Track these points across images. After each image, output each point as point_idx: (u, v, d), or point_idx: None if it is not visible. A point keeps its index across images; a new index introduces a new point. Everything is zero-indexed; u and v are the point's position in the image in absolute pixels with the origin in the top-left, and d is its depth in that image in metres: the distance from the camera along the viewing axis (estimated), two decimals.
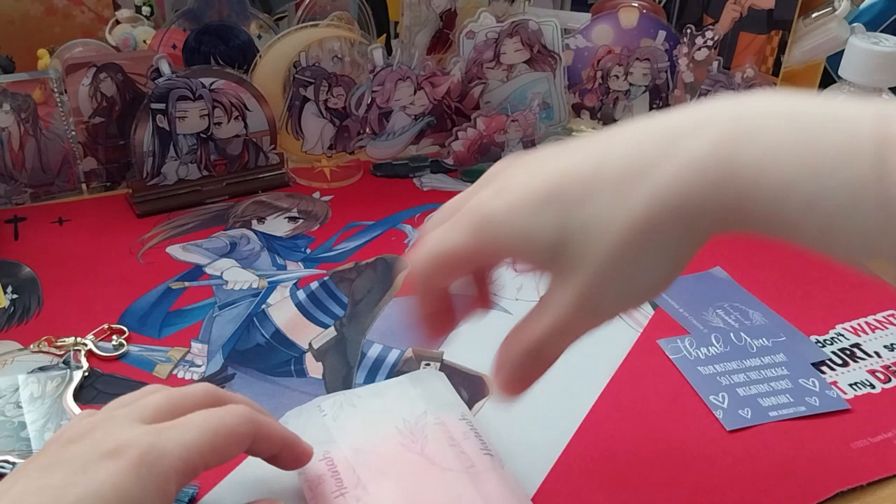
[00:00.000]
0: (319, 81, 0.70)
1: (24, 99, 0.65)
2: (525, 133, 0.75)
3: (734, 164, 0.29)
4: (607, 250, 0.31)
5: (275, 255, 0.62)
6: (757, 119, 0.30)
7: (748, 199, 0.29)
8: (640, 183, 0.30)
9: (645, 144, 0.31)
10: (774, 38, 0.72)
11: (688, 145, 0.30)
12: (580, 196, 0.31)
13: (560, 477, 0.44)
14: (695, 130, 0.30)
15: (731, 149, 0.29)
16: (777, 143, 0.29)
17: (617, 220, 0.31)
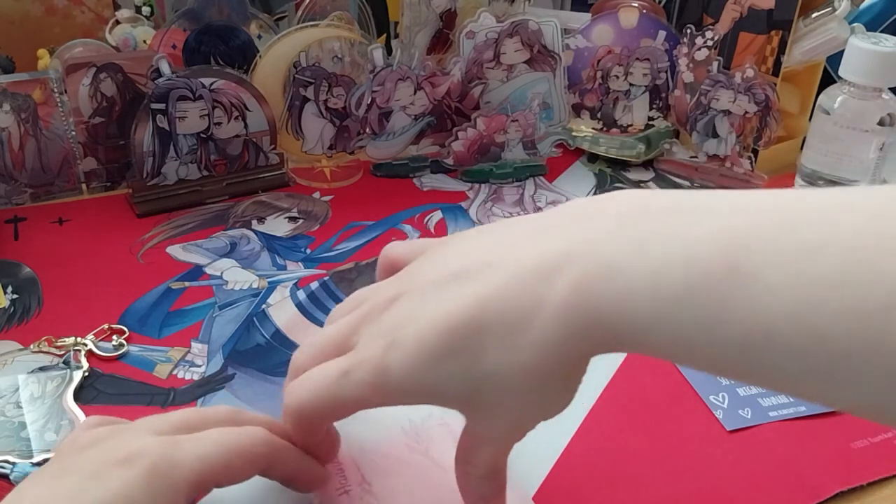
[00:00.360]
0: (319, 81, 0.70)
1: (24, 99, 0.65)
2: (525, 133, 0.75)
3: (595, 310, 0.29)
4: (516, 394, 0.32)
5: (275, 256, 0.62)
6: (612, 254, 0.29)
7: (615, 338, 0.30)
8: (522, 337, 0.31)
9: (516, 288, 0.31)
10: (774, 38, 0.72)
11: (555, 290, 0.30)
12: (474, 349, 0.31)
13: (560, 477, 0.44)
14: (559, 270, 0.30)
15: (591, 294, 0.29)
16: (629, 283, 0.29)
17: (513, 371, 0.31)
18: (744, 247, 0.27)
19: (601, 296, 0.29)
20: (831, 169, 0.71)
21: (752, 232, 0.27)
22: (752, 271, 0.26)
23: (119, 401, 0.48)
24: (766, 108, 0.72)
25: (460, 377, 0.32)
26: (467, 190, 0.73)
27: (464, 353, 0.31)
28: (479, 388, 0.32)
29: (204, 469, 0.33)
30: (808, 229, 0.26)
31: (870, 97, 0.67)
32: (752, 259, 0.26)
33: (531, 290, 0.31)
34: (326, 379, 0.34)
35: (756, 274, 0.26)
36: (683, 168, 0.77)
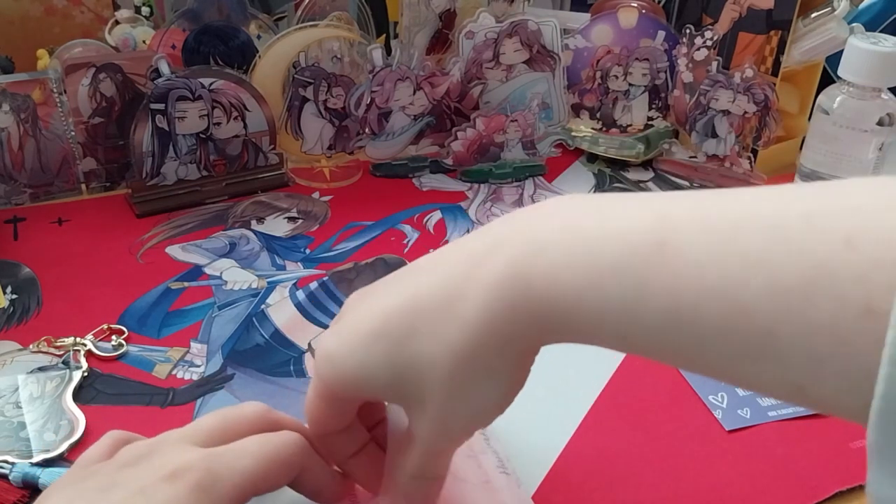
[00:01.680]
0: (319, 82, 0.70)
1: (24, 99, 0.65)
2: (524, 133, 0.75)
3: (527, 282, 0.29)
4: (440, 383, 0.31)
5: (274, 256, 0.62)
6: (546, 234, 0.30)
7: (545, 317, 0.29)
8: (452, 315, 0.31)
9: (451, 273, 0.32)
10: (773, 38, 0.73)
11: (487, 269, 0.30)
12: (403, 332, 0.32)
13: (559, 477, 0.44)
14: (492, 252, 0.31)
15: (523, 268, 0.30)
16: (559, 257, 0.29)
17: (439, 355, 0.31)
18: (671, 226, 0.27)
19: (530, 270, 0.29)
20: (830, 169, 0.71)
21: (681, 213, 0.27)
22: (680, 247, 0.26)
23: (118, 401, 0.48)
24: (765, 108, 0.72)
25: (386, 361, 0.32)
26: (467, 190, 0.73)
27: (391, 336, 0.32)
28: (404, 374, 0.32)
29: (245, 483, 0.33)
30: (732, 210, 0.27)
31: (869, 97, 0.67)
32: (678, 236, 0.27)
33: (463, 272, 0.31)
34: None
35: (683, 250, 0.26)
36: (683, 168, 0.77)
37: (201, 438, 0.35)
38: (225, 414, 0.37)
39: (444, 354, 0.31)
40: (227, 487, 0.32)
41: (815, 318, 0.23)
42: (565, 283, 0.29)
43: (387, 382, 0.33)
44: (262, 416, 0.37)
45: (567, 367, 0.52)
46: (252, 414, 0.37)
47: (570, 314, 0.29)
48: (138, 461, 0.33)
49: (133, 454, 0.34)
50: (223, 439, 0.35)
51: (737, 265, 0.25)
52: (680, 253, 0.26)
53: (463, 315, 0.31)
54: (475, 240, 0.32)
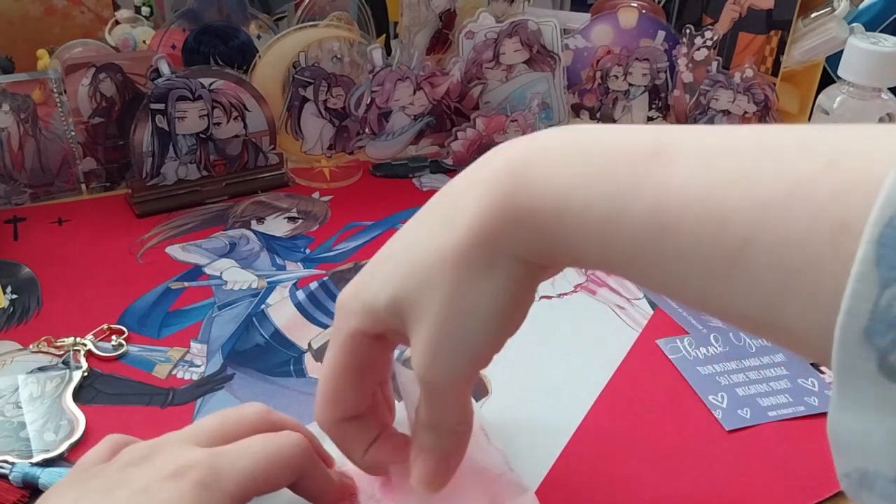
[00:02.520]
0: (319, 82, 0.70)
1: (24, 99, 0.65)
2: (524, 133, 0.75)
3: (522, 179, 0.30)
4: (432, 293, 0.31)
5: (274, 256, 0.62)
6: (546, 138, 0.31)
7: (533, 216, 0.29)
8: (451, 218, 0.31)
9: (454, 184, 0.33)
10: (773, 38, 0.73)
11: (490, 166, 0.32)
12: (404, 250, 0.33)
13: (559, 477, 0.44)
14: (495, 154, 0.32)
15: (518, 164, 0.30)
16: (558, 155, 0.30)
17: (432, 257, 0.31)
18: (668, 140, 0.28)
19: (525, 167, 0.30)
20: None
21: (680, 133, 0.28)
22: (672, 157, 0.27)
23: (118, 401, 0.48)
24: (765, 108, 0.72)
25: (390, 281, 0.33)
26: None
27: (393, 259, 0.33)
28: (404, 288, 0.32)
29: (247, 482, 0.33)
30: (731, 134, 0.27)
31: (869, 97, 0.67)
32: (673, 149, 0.27)
33: (470, 172, 0.33)
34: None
35: (675, 159, 0.27)
36: None
37: (202, 439, 0.35)
38: (225, 415, 0.37)
39: (436, 257, 0.31)
40: (230, 486, 0.33)
41: (791, 231, 0.24)
42: (557, 180, 0.29)
43: (389, 303, 0.32)
44: (263, 417, 0.37)
45: (567, 367, 0.52)
46: (252, 415, 0.37)
47: (558, 213, 0.29)
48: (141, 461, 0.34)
49: (135, 455, 0.34)
50: (224, 440, 0.35)
51: (723, 177, 0.26)
52: (671, 161, 0.27)
53: (456, 216, 0.31)
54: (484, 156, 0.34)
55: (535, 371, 0.51)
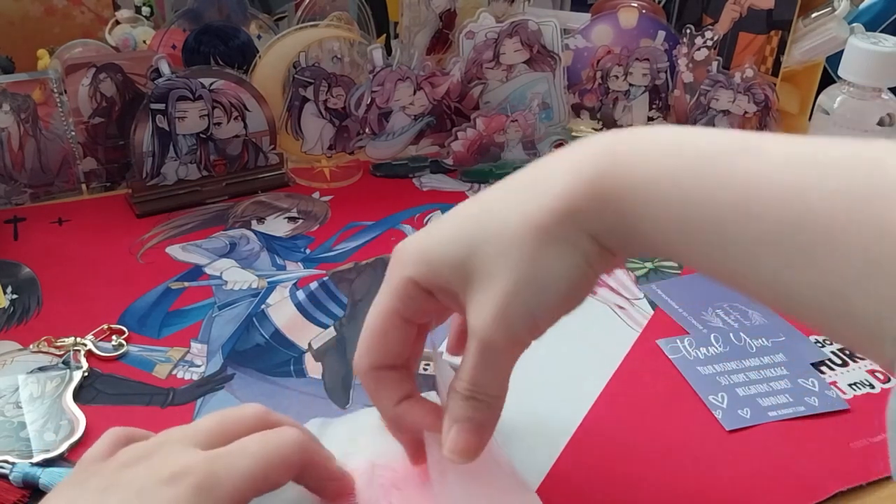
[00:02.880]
0: (319, 82, 0.70)
1: (24, 99, 0.65)
2: (525, 133, 0.75)
3: (612, 160, 0.32)
4: (508, 252, 0.33)
5: (274, 256, 0.62)
6: (642, 129, 0.33)
7: (620, 197, 0.31)
8: (535, 189, 0.33)
9: (546, 160, 0.35)
10: (774, 38, 0.73)
11: (579, 150, 0.33)
12: (487, 212, 0.34)
13: (560, 476, 0.44)
14: (590, 139, 0.34)
15: (610, 147, 0.32)
16: (650, 144, 0.32)
17: (514, 224, 0.33)
18: (757, 141, 0.30)
19: (616, 150, 0.32)
20: None
21: (768, 137, 0.30)
22: (763, 150, 0.29)
23: (118, 401, 0.48)
24: (765, 109, 0.72)
25: (466, 237, 0.34)
26: (467, 190, 0.73)
27: (474, 219, 0.34)
28: (479, 248, 0.33)
29: (246, 484, 0.33)
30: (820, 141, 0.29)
31: (869, 97, 0.67)
32: (763, 144, 0.29)
33: (564, 152, 0.34)
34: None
35: (766, 153, 0.29)
36: None
37: (201, 439, 0.35)
38: (224, 415, 0.37)
39: (518, 223, 0.32)
40: (228, 489, 0.32)
41: (881, 222, 0.25)
42: (649, 167, 0.31)
43: (460, 259, 0.34)
44: (262, 417, 0.37)
45: (568, 367, 0.52)
46: (251, 416, 0.37)
47: (646, 196, 0.31)
48: (138, 462, 0.33)
49: (133, 455, 0.34)
50: (223, 440, 0.35)
51: (816, 170, 0.27)
52: (762, 153, 0.29)
53: (545, 189, 0.33)
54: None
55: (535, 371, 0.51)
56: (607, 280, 0.61)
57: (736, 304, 0.58)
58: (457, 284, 0.34)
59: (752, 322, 0.56)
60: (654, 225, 0.31)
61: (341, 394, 0.49)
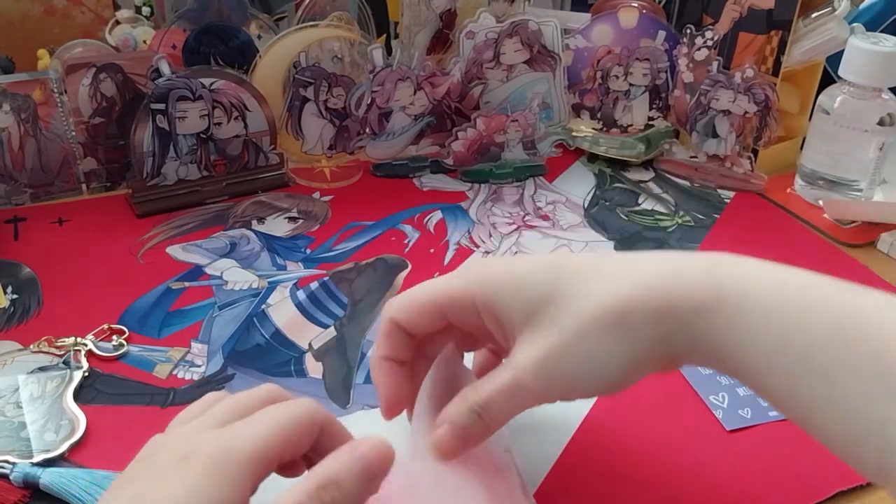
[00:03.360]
0: (319, 82, 0.70)
1: (24, 99, 0.65)
2: (525, 133, 0.75)
3: (721, 266, 0.34)
4: (580, 318, 0.34)
5: (275, 256, 0.62)
6: (746, 261, 0.35)
7: (715, 302, 0.33)
8: (632, 274, 0.35)
9: (654, 253, 0.37)
10: (774, 38, 0.72)
11: (685, 254, 0.36)
12: (575, 271, 0.36)
13: (560, 476, 0.44)
14: (694, 253, 0.36)
15: (720, 263, 0.34)
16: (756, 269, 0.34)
17: (598, 296, 0.34)
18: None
19: (725, 265, 0.34)
20: (831, 169, 0.71)
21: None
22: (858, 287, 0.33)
23: (119, 401, 0.48)
24: (765, 108, 0.72)
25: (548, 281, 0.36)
26: (467, 190, 0.73)
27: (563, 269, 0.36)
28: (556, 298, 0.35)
29: (261, 445, 0.32)
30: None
31: (869, 97, 0.67)
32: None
33: (668, 254, 0.37)
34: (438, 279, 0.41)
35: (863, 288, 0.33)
36: (683, 168, 0.77)
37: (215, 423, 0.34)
38: (237, 396, 0.36)
39: (604, 298, 0.34)
40: (242, 456, 0.32)
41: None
42: (751, 283, 0.33)
43: (536, 298, 0.35)
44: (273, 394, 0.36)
45: None
46: (263, 392, 0.36)
47: (744, 311, 0.32)
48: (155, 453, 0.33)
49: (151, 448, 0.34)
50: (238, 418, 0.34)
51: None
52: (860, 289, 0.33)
53: (642, 279, 0.34)
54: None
55: None
56: None
57: None
58: (518, 318, 0.36)
59: None
60: (743, 345, 0.32)
61: (342, 394, 0.49)
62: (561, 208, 0.71)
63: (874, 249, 0.66)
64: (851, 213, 0.69)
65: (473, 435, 0.36)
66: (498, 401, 0.36)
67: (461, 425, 0.36)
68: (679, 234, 0.68)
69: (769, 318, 0.32)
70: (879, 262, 0.65)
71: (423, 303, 0.39)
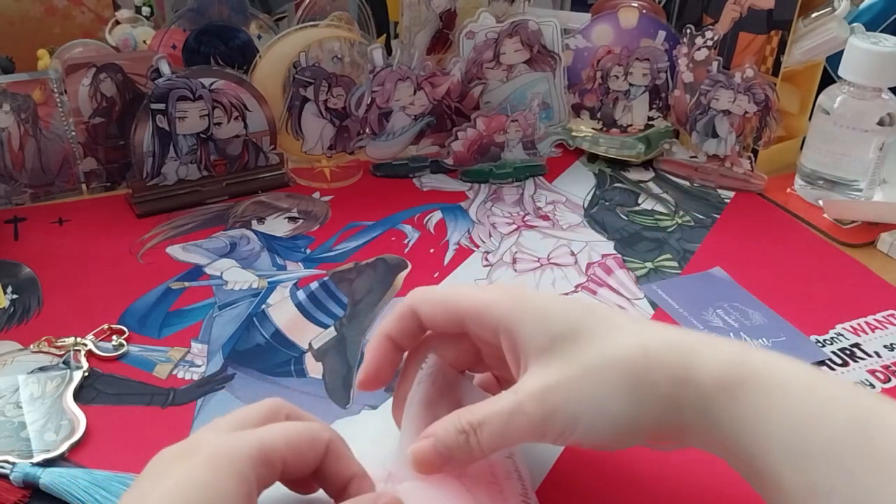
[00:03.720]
0: (319, 82, 0.70)
1: (24, 99, 0.65)
2: (525, 133, 0.75)
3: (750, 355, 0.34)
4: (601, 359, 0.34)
5: (275, 256, 0.62)
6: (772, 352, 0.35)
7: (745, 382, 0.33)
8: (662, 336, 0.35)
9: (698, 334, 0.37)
10: (774, 38, 0.72)
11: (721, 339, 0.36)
12: (607, 316, 0.36)
13: (559, 476, 0.43)
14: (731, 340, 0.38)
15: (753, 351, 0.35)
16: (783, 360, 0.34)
17: (624, 343, 0.34)
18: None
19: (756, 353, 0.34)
20: (831, 169, 0.71)
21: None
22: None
23: (119, 401, 0.48)
24: (765, 108, 0.72)
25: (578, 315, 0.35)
26: (467, 190, 0.73)
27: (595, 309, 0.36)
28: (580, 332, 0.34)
29: (265, 445, 0.32)
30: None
31: (869, 97, 0.67)
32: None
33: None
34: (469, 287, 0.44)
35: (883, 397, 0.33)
36: (683, 168, 0.77)
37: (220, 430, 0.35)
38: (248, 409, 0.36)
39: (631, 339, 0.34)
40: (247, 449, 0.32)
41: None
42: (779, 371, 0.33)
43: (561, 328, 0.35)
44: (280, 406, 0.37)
45: None
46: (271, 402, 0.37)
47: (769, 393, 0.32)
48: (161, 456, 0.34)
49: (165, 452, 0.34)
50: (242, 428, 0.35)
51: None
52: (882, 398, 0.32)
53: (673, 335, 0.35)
54: None
55: None
56: (607, 280, 0.61)
57: (736, 304, 0.58)
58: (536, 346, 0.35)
59: (752, 322, 0.56)
60: (763, 425, 0.32)
61: (342, 394, 0.49)
62: (561, 208, 0.71)
63: (874, 249, 0.66)
64: (851, 213, 0.69)
65: (455, 457, 0.35)
66: (493, 422, 0.34)
67: (445, 443, 0.35)
68: (679, 234, 0.68)
69: (793, 404, 0.32)
70: (879, 262, 0.65)
71: (448, 302, 0.38)
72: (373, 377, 0.40)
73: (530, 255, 0.64)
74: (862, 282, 0.62)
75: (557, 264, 0.63)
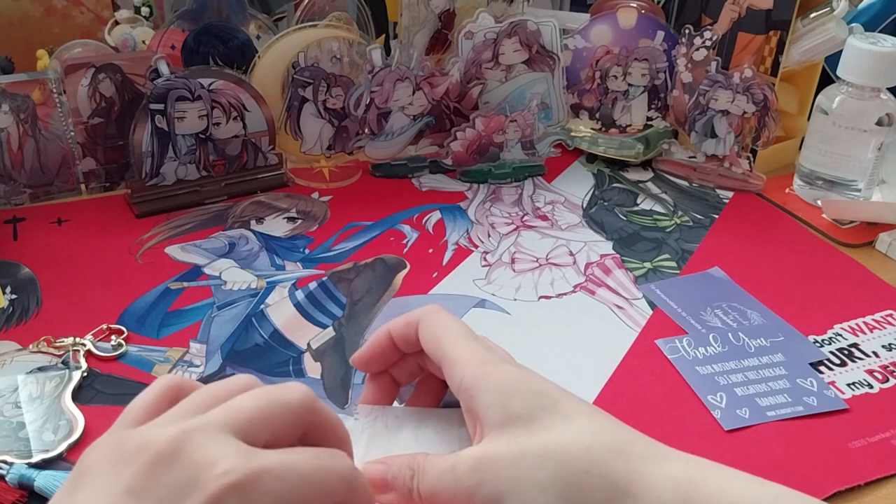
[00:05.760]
0: (318, 82, 0.70)
1: (24, 99, 0.65)
2: (523, 133, 0.75)
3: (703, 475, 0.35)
4: (544, 449, 0.33)
5: (273, 256, 0.62)
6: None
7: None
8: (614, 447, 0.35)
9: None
10: (773, 38, 0.73)
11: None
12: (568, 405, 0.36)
13: None
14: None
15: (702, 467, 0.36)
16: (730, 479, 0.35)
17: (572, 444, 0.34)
18: None
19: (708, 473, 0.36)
20: (829, 169, 0.71)
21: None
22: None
23: (117, 401, 0.48)
24: (764, 108, 0.72)
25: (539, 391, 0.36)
26: (466, 190, 0.73)
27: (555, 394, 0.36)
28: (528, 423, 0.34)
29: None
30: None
31: (868, 97, 0.68)
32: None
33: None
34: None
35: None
36: (682, 168, 0.77)
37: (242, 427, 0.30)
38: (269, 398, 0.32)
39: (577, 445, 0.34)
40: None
41: None
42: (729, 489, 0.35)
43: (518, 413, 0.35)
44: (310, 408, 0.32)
45: (567, 366, 0.52)
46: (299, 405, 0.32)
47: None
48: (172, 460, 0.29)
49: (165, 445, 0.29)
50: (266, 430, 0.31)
51: None
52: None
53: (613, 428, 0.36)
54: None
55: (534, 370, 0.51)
56: (606, 279, 0.61)
57: (734, 304, 0.58)
58: (493, 423, 0.35)
59: (750, 322, 0.56)
60: None
61: (340, 393, 0.49)
62: (560, 208, 0.71)
63: (872, 249, 0.66)
64: (850, 213, 0.69)
65: (397, 489, 0.35)
66: (431, 473, 0.35)
67: (392, 475, 0.35)
68: (677, 234, 0.68)
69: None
70: (877, 261, 0.65)
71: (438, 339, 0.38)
72: (363, 363, 0.41)
73: (529, 255, 0.64)
74: (860, 282, 0.62)
75: (556, 264, 0.63)
